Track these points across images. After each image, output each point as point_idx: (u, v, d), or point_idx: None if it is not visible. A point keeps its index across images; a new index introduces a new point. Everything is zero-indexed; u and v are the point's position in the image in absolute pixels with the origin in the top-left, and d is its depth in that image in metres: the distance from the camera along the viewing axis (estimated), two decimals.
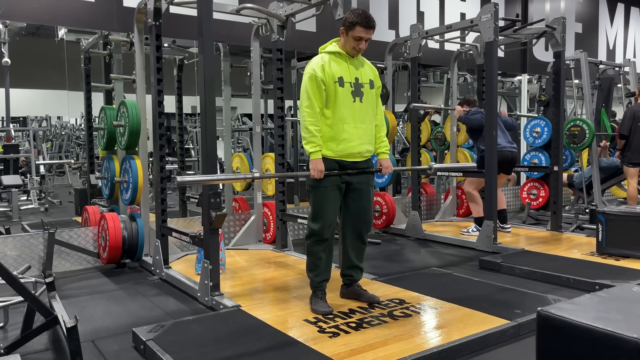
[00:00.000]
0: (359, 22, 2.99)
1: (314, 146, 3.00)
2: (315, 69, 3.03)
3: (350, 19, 3.02)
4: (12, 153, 6.95)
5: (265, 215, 5.17)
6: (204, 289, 3.40)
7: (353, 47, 3.05)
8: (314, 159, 3.00)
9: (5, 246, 4.17)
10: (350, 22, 3.02)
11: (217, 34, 5.21)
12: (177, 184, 2.83)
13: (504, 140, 5.37)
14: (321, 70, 3.02)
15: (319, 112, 3.02)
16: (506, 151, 5.32)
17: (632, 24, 10.25)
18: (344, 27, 3.06)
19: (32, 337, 2.52)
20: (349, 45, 3.06)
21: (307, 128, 3.00)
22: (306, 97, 3.02)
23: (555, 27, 5.56)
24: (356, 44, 3.04)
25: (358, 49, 3.06)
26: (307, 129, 3.00)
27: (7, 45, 5.22)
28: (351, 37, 3.03)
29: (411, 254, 5.02)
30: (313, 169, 2.99)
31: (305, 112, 3.01)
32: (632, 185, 6.13)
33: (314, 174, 2.99)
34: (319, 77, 3.01)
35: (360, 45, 3.05)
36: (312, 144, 3.00)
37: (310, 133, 3.00)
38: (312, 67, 3.05)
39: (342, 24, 3.08)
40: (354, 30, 3.01)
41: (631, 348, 1.60)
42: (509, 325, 2.83)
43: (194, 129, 8.46)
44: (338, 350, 2.53)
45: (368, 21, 3.02)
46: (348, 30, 3.03)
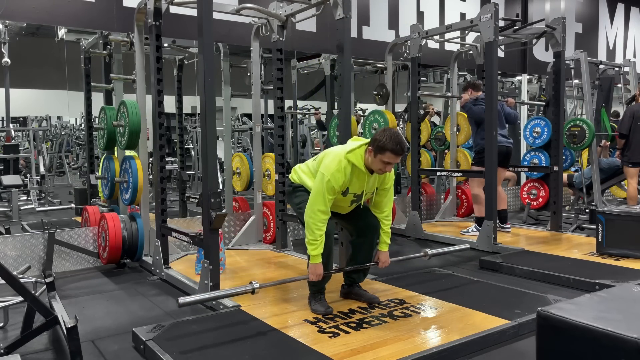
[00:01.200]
0: (390, 149, 2.86)
1: (315, 249, 2.97)
2: (337, 181, 2.94)
3: (383, 143, 2.86)
4: (12, 153, 6.95)
5: (265, 215, 5.17)
6: (204, 289, 3.39)
7: (380, 169, 2.96)
8: (314, 263, 3.00)
9: (5, 246, 4.18)
10: (381, 147, 2.87)
11: (217, 34, 5.21)
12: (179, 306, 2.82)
13: (499, 134, 5.35)
14: (340, 186, 2.97)
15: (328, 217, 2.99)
16: (501, 145, 5.32)
17: (632, 24, 10.25)
18: (373, 148, 2.91)
19: (32, 337, 2.52)
20: (375, 166, 2.96)
21: (313, 231, 2.95)
22: (322, 201, 2.94)
23: (555, 27, 5.56)
24: (383, 167, 2.94)
25: (384, 171, 2.98)
26: (314, 232, 2.95)
27: (7, 45, 5.21)
28: (379, 160, 2.91)
29: (411, 254, 5.00)
30: (312, 274, 3.02)
31: (317, 216, 2.94)
32: (632, 185, 6.14)
33: (312, 278, 3.03)
34: (335, 189, 2.97)
35: (387, 169, 2.97)
36: (314, 247, 2.97)
37: (314, 236, 2.96)
38: (335, 177, 2.94)
39: (372, 143, 2.93)
40: (384, 155, 2.88)
41: (631, 348, 1.60)
42: (509, 325, 2.83)
43: (194, 129, 8.45)
44: (338, 350, 2.53)
45: (401, 149, 2.88)
46: (377, 152, 2.90)
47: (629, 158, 6.02)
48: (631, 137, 5.98)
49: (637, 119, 5.98)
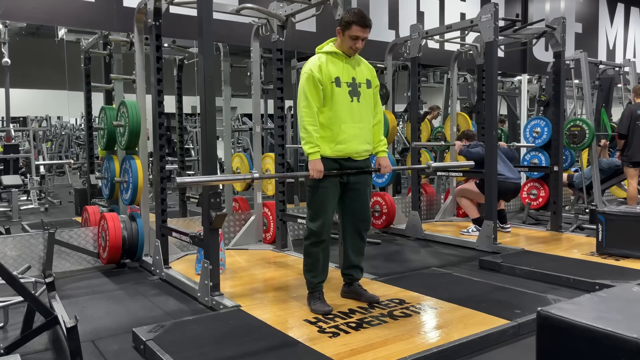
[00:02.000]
0: (355, 21, 3.00)
1: (312, 147, 3.00)
2: (312, 69, 3.03)
3: (347, 18, 3.03)
4: (12, 153, 6.95)
5: (265, 215, 5.17)
6: (204, 289, 3.40)
7: (350, 46, 3.06)
8: (313, 159, 3.00)
9: (5, 246, 4.17)
10: (347, 22, 3.02)
11: (217, 34, 5.20)
12: (177, 185, 2.83)
13: (507, 171, 5.40)
14: (318, 71, 3.02)
15: (316, 111, 3.02)
16: (509, 182, 5.37)
17: (632, 24, 10.25)
18: (340, 27, 3.07)
19: (32, 337, 2.52)
20: (345, 44, 3.07)
21: (305, 128, 3.01)
22: (304, 98, 3.02)
23: (555, 27, 5.56)
24: (353, 43, 3.05)
25: (355, 48, 3.06)
26: (305, 129, 3.00)
27: (7, 45, 5.21)
28: (348, 36, 3.03)
29: (411, 254, 5.02)
30: (312, 169, 2.99)
31: (303, 112, 3.01)
32: (632, 185, 6.14)
33: (313, 174, 2.99)
34: (316, 77, 3.01)
35: (357, 45, 3.06)
36: (310, 145, 3.00)
37: (308, 133, 3.00)
38: (309, 67, 3.06)
39: (339, 23, 3.09)
40: (351, 29, 3.01)
41: (631, 348, 1.60)
42: (509, 325, 2.83)
43: (194, 129, 8.46)
44: (338, 350, 2.53)
45: (364, 20, 3.02)
46: (344, 29, 3.04)
47: (629, 158, 6.03)
48: (630, 137, 5.98)
49: (636, 118, 5.98)
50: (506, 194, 5.40)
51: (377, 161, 3.27)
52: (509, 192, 5.46)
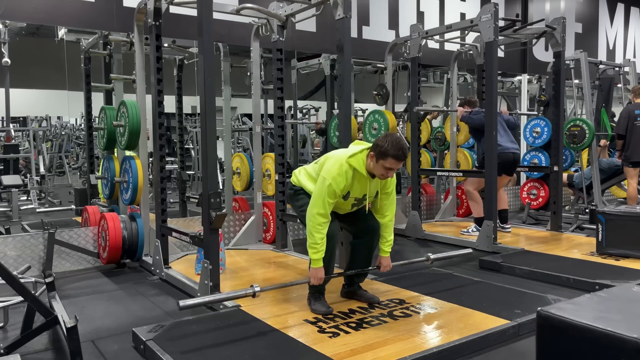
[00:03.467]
0: (392, 155, 2.86)
1: (315, 252, 2.97)
2: (338, 185, 2.95)
3: (385, 149, 2.87)
4: (12, 153, 6.95)
5: (265, 215, 5.17)
6: (204, 289, 3.40)
7: (381, 174, 2.95)
8: (316, 267, 3.00)
9: (5, 246, 4.18)
10: (384, 153, 2.87)
11: (217, 34, 5.21)
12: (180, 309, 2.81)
13: (507, 141, 5.36)
14: (341, 190, 2.97)
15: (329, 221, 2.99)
16: (508, 152, 5.33)
17: (632, 24, 10.25)
18: (375, 153, 2.91)
19: (32, 337, 2.52)
20: (377, 171, 2.96)
21: (313, 235, 2.95)
22: (321, 204, 2.94)
23: (555, 27, 5.56)
24: (385, 173, 2.94)
25: (386, 176, 2.98)
26: (314, 235, 2.95)
27: (7, 45, 5.21)
28: (381, 165, 2.91)
29: (411, 254, 5.01)
30: (313, 277, 3.01)
31: (316, 219, 2.94)
32: (632, 185, 6.15)
33: (313, 282, 3.03)
34: (337, 193, 2.97)
35: (389, 174, 2.96)
36: (315, 251, 2.96)
37: (314, 240, 2.95)
38: (336, 180, 2.94)
39: (374, 148, 2.93)
40: (386, 160, 2.88)
41: (631, 348, 1.60)
42: (509, 325, 2.83)
43: (194, 129, 8.45)
44: (338, 350, 2.53)
45: (403, 155, 2.89)
46: (379, 158, 2.90)
47: (628, 158, 6.03)
48: (628, 137, 6.00)
49: (634, 118, 6.00)
50: (505, 164, 5.28)
51: (379, 260, 3.27)
52: (508, 163, 5.35)
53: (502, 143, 5.26)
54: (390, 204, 3.20)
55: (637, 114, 6.01)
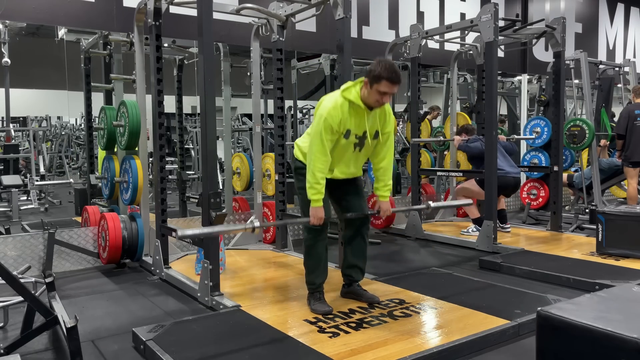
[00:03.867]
0: (386, 77, 2.83)
1: (316, 193, 2.95)
2: (334, 119, 2.92)
3: (377, 72, 2.84)
4: (12, 153, 6.95)
5: (265, 215, 5.17)
6: (204, 289, 3.40)
7: (376, 100, 2.92)
8: (315, 206, 2.98)
9: (5, 246, 4.18)
10: (376, 76, 2.85)
11: (217, 34, 5.21)
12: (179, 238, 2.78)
13: (507, 165, 5.36)
14: (338, 124, 2.94)
15: (329, 159, 2.97)
16: (509, 177, 5.33)
17: (632, 24, 10.24)
18: (369, 79, 2.89)
19: (32, 337, 2.52)
20: (371, 98, 2.93)
21: (313, 173, 2.93)
22: (319, 142, 2.92)
23: (555, 27, 5.56)
24: (380, 98, 2.91)
25: (381, 102, 2.95)
26: (314, 174, 2.93)
27: (7, 45, 5.21)
28: (375, 90, 2.88)
29: (411, 254, 5.02)
30: (313, 216, 2.99)
31: (316, 157, 2.93)
32: (632, 185, 6.15)
33: (313, 222, 2.99)
34: (334, 128, 2.94)
35: (384, 100, 2.93)
36: (315, 191, 2.95)
37: (315, 179, 2.93)
38: (331, 113, 2.93)
39: (367, 74, 2.91)
40: (380, 84, 2.85)
41: (631, 348, 1.60)
42: (509, 325, 2.83)
43: (194, 129, 8.46)
44: (338, 350, 2.53)
45: (397, 77, 2.86)
46: (373, 82, 2.87)
47: (628, 157, 6.04)
48: (628, 137, 6.01)
49: (634, 118, 6.01)
50: (506, 188, 5.33)
51: (378, 204, 3.24)
52: (509, 187, 5.39)
53: (504, 167, 5.25)
54: (389, 146, 3.20)
55: (637, 113, 6.01)
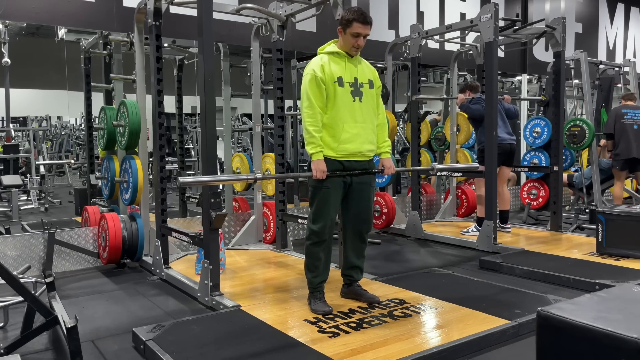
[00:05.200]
0: (355, 18, 3.00)
1: (314, 147, 2.99)
2: (315, 69, 3.03)
3: (347, 16, 3.03)
4: (12, 153, 6.95)
5: (265, 215, 5.17)
6: (204, 289, 3.40)
7: (352, 44, 3.05)
8: (316, 159, 3.00)
9: (5, 246, 4.17)
10: (347, 20, 3.02)
11: (217, 34, 5.21)
12: (179, 185, 2.84)
13: (503, 131, 5.34)
14: (321, 71, 3.02)
15: (319, 112, 3.01)
16: (505, 143, 5.31)
17: (632, 24, 10.24)
18: (341, 26, 3.06)
19: (32, 337, 2.52)
20: (347, 43, 3.06)
21: (307, 129, 3.00)
22: (306, 98, 3.01)
23: (555, 27, 5.56)
24: (355, 41, 3.04)
25: (357, 45, 3.06)
26: (307, 130, 3.00)
27: (7, 45, 5.21)
28: (349, 34, 3.03)
29: (411, 254, 5.02)
30: (315, 170, 2.99)
31: (305, 113, 3.01)
32: (618, 186, 6.28)
33: (316, 175, 2.98)
34: (318, 77, 3.00)
35: (359, 42, 3.05)
36: (313, 145, 2.99)
37: (310, 134, 2.99)
38: (312, 67, 3.05)
39: (339, 23, 3.09)
40: (352, 27, 3.01)
41: (631, 348, 1.60)
42: (509, 325, 2.83)
43: (194, 129, 8.46)
44: (338, 350, 2.53)
45: (365, 17, 3.02)
46: (345, 27, 3.04)
47: (618, 156, 6.13)
48: (617, 135, 6.11)
49: (620, 117, 6.14)
50: (502, 155, 5.20)
51: (381, 162, 3.26)
52: (505, 153, 5.31)
53: (500, 134, 5.21)
54: (380, 103, 3.25)
55: (624, 112, 6.12)
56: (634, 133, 6.05)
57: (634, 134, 6.05)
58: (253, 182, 2.93)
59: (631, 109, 6.15)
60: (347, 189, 3.15)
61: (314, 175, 2.99)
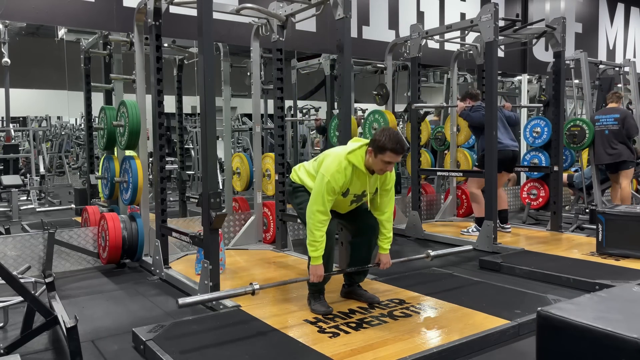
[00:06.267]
0: (391, 148, 2.87)
1: (315, 251, 2.97)
2: (336, 183, 2.94)
3: (382, 142, 2.87)
4: (12, 153, 6.95)
5: (265, 215, 5.17)
6: (204, 289, 3.39)
7: (380, 169, 2.96)
8: (315, 264, 2.99)
9: (5, 246, 4.17)
10: (382, 147, 2.88)
11: (217, 34, 5.21)
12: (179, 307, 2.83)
13: (506, 138, 5.35)
14: (340, 186, 2.97)
15: (328, 218, 2.98)
16: (508, 150, 5.32)
17: (632, 24, 10.25)
18: (373, 148, 2.93)
19: (32, 337, 2.52)
20: (376, 166, 2.97)
21: (313, 232, 2.95)
22: (321, 202, 2.93)
23: (555, 27, 5.56)
24: (384, 167, 2.95)
25: (385, 171, 2.99)
26: (313, 233, 2.95)
27: (7, 45, 5.21)
28: (380, 160, 2.92)
29: (411, 254, 4.99)
30: (313, 274, 3.01)
31: (316, 216, 2.94)
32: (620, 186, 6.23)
33: (312, 279, 3.02)
34: (336, 190, 2.97)
35: (388, 168, 2.98)
36: (314, 249, 2.97)
37: (315, 238, 2.95)
38: (335, 177, 2.94)
39: (371, 144, 2.94)
40: (385, 154, 2.89)
41: (631, 348, 1.60)
42: (509, 325, 2.83)
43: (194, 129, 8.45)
44: (338, 350, 2.53)
45: (402, 148, 2.90)
46: (377, 152, 2.91)
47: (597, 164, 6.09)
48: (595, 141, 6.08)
49: (594, 122, 6.08)
50: (505, 162, 5.25)
51: (378, 257, 3.27)
52: (507, 160, 5.33)
53: (502, 140, 5.24)
54: (389, 200, 3.20)
55: (597, 118, 6.09)
56: (603, 139, 6.01)
57: (604, 139, 6.00)
58: (251, 293, 2.95)
59: (604, 113, 6.11)
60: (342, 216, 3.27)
61: (311, 280, 3.03)
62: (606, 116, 6.06)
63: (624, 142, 5.95)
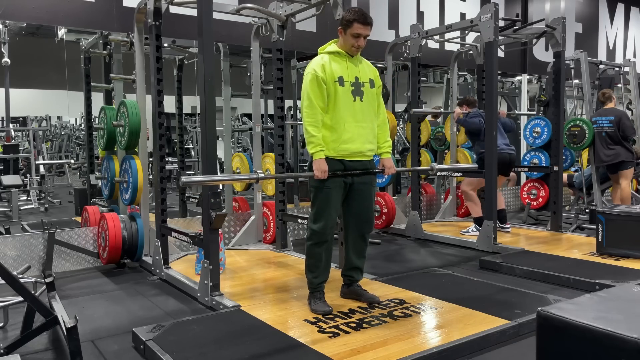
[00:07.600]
0: (356, 18, 3.01)
1: (314, 147, 2.99)
2: (316, 68, 3.03)
3: (347, 17, 3.05)
4: (12, 153, 6.95)
5: (265, 215, 5.17)
6: (204, 289, 3.40)
7: (352, 44, 3.06)
8: (317, 159, 2.99)
9: (5, 246, 4.17)
10: (348, 20, 3.04)
11: (217, 34, 5.20)
12: (182, 184, 2.84)
13: (501, 142, 5.36)
14: (322, 70, 3.02)
15: (319, 111, 3.01)
16: (504, 153, 5.33)
17: (632, 24, 10.25)
18: (342, 26, 3.08)
19: (32, 337, 2.52)
20: (348, 43, 3.07)
21: (307, 129, 3.00)
22: (306, 97, 3.01)
23: (555, 27, 5.56)
24: (355, 42, 3.05)
25: (357, 46, 3.07)
26: (307, 130, 3.00)
27: (7, 45, 5.21)
28: (350, 34, 3.04)
29: (411, 254, 5.02)
30: (316, 170, 2.98)
31: (305, 113, 3.01)
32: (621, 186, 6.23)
33: (317, 175, 2.98)
34: (319, 77, 3.00)
35: (359, 43, 3.06)
36: (313, 145, 2.99)
37: (310, 134, 2.99)
38: (313, 67, 3.06)
39: (340, 23, 3.11)
40: (352, 27, 3.02)
41: (631, 348, 1.60)
42: (509, 325, 2.83)
43: (194, 129, 8.46)
44: (338, 350, 2.53)
45: (365, 17, 3.03)
46: (346, 28, 3.05)
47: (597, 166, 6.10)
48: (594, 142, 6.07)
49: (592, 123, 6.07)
50: (501, 165, 5.21)
51: (381, 162, 3.27)
52: (504, 164, 5.33)
53: (499, 144, 5.24)
54: (380, 102, 3.25)
55: (594, 120, 6.07)
56: (601, 140, 6.00)
57: (601, 141, 5.99)
58: (255, 181, 2.94)
59: (600, 115, 6.09)
60: (348, 189, 3.15)
61: (315, 175, 2.99)
62: (602, 118, 6.07)
63: (620, 143, 5.94)
